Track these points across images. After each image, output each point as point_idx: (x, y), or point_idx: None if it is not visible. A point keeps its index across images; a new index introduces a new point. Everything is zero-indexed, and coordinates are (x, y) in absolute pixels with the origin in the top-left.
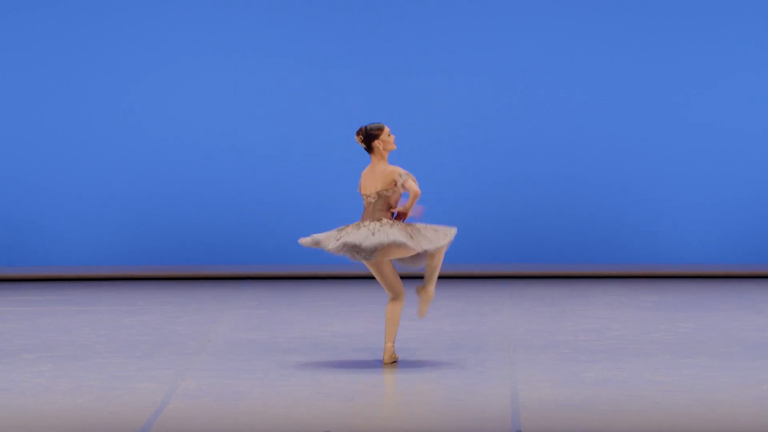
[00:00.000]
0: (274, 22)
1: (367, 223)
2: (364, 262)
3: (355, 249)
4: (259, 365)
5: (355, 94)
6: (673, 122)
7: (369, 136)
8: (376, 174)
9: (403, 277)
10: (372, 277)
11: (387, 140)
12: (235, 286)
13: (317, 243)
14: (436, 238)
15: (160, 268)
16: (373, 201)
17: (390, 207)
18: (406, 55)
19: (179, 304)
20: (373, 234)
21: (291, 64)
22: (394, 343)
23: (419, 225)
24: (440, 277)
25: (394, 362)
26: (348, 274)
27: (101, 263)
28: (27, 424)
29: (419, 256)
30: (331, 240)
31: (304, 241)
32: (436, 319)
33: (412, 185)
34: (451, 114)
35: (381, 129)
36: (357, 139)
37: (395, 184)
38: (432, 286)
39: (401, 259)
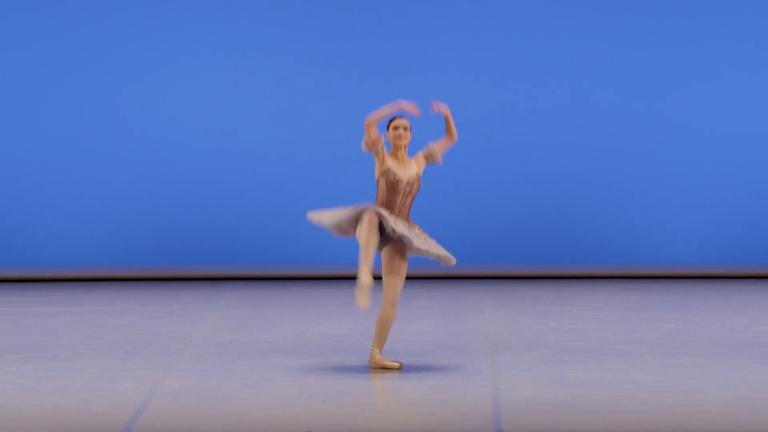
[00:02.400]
0: (274, 22)
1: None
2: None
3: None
4: (242, 366)
5: (355, 95)
6: (660, 124)
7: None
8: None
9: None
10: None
11: (391, 134)
12: (218, 287)
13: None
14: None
15: (143, 269)
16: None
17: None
18: (406, 55)
19: (162, 305)
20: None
21: (291, 64)
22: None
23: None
24: (423, 278)
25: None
26: (332, 275)
27: (84, 264)
28: (9, 424)
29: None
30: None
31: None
32: (419, 320)
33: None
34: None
35: (389, 123)
36: None
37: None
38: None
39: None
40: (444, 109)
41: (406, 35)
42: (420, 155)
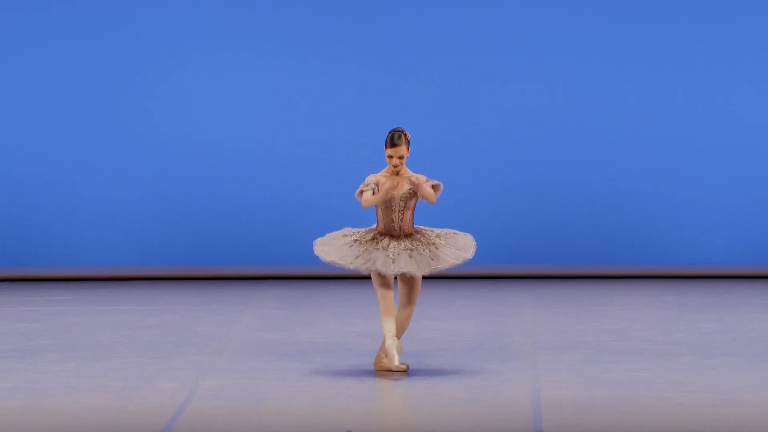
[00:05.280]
0: (282, 23)
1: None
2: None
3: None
4: (280, 366)
5: (372, 96)
6: (695, 121)
7: None
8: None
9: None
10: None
11: (388, 161)
12: (256, 286)
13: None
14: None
15: (181, 268)
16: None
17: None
18: (422, 57)
19: (201, 305)
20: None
21: (313, 64)
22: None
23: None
24: (462, 277)
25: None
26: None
27: (123, 263)
28: (50, 423)
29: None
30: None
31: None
32: (458, 320)
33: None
34: (473, 112)
35: (385, 148)
36: None
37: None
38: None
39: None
40: (415, 181)
41: (422, 37)
42: (422, 178)
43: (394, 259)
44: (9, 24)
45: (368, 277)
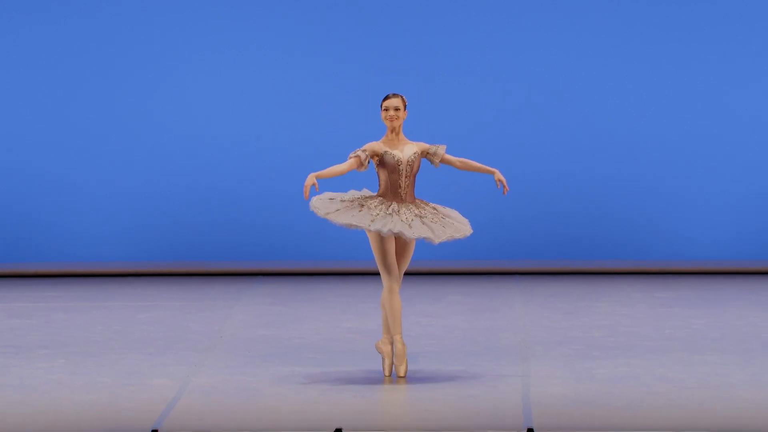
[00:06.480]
0: (290, 24)
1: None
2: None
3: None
4: (272, 362)
5: (372, 96)
6: (685, 119)
7: None
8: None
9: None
10: None
11: (383, 115)
12: (249, 283)
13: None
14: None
15: (173, 264)
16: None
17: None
18: (422, 57)
19: (193, 301)
20: (410, 226)
21: (313, 64)
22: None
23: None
24: (453, 273)
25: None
26: (363, 270)
27: (115, 259)
28: (41, 419)
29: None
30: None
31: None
32: (449, 316)
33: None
34: (468, 110)
35: (381, 102)
36: None
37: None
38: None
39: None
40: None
41: (422, 35)
42: (423, 144)
43: (410, 224)
44: (9, 24)
45: (360, 273)
